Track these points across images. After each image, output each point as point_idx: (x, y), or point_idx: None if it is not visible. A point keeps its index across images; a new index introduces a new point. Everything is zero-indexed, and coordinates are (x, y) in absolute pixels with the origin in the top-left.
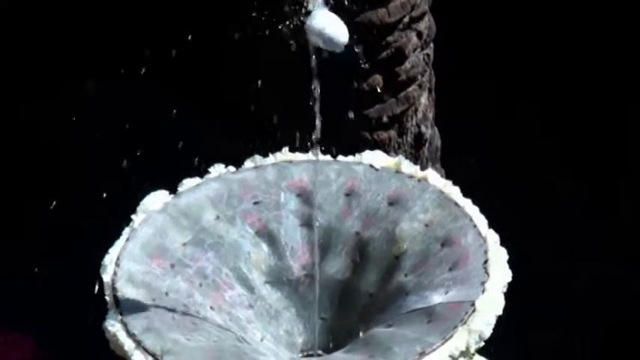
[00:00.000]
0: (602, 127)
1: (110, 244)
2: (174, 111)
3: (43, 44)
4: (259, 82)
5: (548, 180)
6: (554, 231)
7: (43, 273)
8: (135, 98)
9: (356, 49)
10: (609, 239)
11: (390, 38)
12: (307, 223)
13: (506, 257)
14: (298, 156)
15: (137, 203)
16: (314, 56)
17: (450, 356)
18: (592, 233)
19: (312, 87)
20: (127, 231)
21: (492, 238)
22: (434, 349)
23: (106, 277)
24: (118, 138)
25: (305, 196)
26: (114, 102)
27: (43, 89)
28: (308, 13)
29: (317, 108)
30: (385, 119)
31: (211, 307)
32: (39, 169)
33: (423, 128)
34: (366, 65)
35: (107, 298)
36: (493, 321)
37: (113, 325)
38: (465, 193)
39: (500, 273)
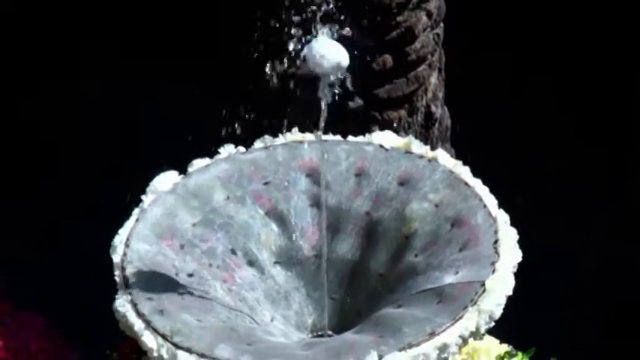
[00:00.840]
0: (613, 108)
1: (120, 224)
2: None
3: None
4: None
5: (559, 159)
6: (564, 209)
7: (51, 253)
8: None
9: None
10: (619, 219)
11: (399, 18)
12: (317, 203)
13: (517, 237)
14: (308, 136)
15: (145, 184)
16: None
17: (460, 336)
18: (602, 212)
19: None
20: (136, 211)
21: (502, 218)
22: (444, 330)
23: (116, 258)
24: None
25: (315, 177)
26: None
27: (42, 86)
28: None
29: (324, 87)
30: (395, 99)
31: (221, 288)
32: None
33: (433, 108)
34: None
35: (117, 278)
36: (503, 301)
37: (123, 306)
38: (475, 172)
39: (510, 253)
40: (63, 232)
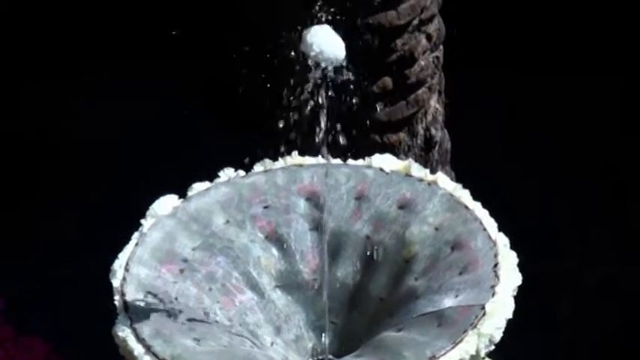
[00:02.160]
0: (610, 127)
1: (120, 248)
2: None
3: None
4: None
5: (558, 180)
6: (564, 230)
7: (54, 275)
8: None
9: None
10: (621, 239)
11: (399, 41)
12: (317, 227)
13: (516, 260)
14: (308, 160)
15: (146, 207)
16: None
17: None
18: (603, 232)
19: (321, 92)
20: (136, 236)
21: (502, 241)
22: (444, 353)
23: (115, 282)
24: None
25: (315, 200)
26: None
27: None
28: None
29: (325, 111)
30: (395, 122)
31: (221, 312)
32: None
33: (432, 131)
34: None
35: (116, 303)
36: (503, 325)
37: (123, 330)
38: (475, 194)
39: (510, 276)
40: (63, 256)
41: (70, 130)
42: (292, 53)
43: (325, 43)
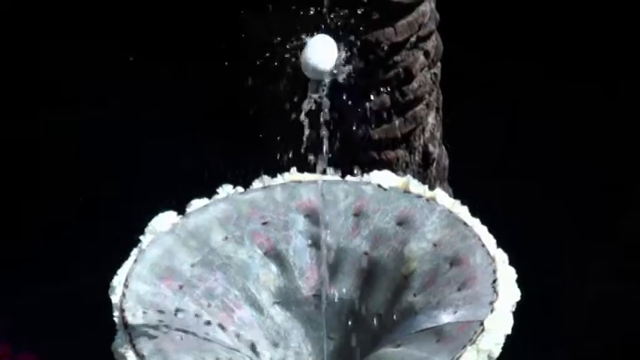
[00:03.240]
0: (610, 145)
1: (118, 265)
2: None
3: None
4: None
5: (556, 197)
6: (561, 247)
7: (52, 292)
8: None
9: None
10: (618, 255)
11: (397, 57)
12: (316, 243)
13: (515, 276)
14: (307, 176)
15: (143, 224)
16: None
17: None
18: (600, 249)
19: (321, 112)
20: (135, 252)
21: (501, 257)
22: None
23: (115, 299)
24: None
25: (314, 217)
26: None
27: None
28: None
29: (324, 130)
30: (393, 139)
31: (220, 328)
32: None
33: (430, 147)
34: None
35: (116, 319)
36: (502, 340)
37: (122, 347)
38: (473, 210)
39: (508, 292)
40: (62, 274)
41: (68, 144)
42: (289, 69)
43: (313, 55)
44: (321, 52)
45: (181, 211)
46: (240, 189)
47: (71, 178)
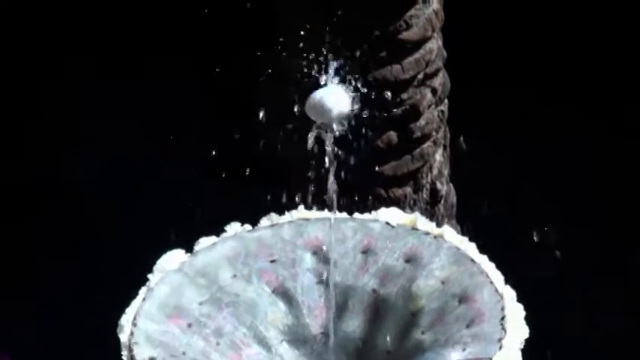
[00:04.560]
0: (617, 181)
1: (127, 303)
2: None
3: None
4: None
5: (562, 235)
6: (568, 285)
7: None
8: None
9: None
10: (624, 293)
11: (404, 95)
12: (324, 281)
13: (523, 314)
14: (314, 214)
15: (151, 263)
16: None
17: None
18: (607, 287)
19: (327, 148)
20: (143, 290)
21: (509, 294)
22: None
23: (123, 337)
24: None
25: (321, 254)
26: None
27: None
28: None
29: (332, 168)
30: (400, 176)
31: None
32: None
33: (438, 185)
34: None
35: (124, 358)
36: None
37: None
38: (481, 248)
39: (517, 330)
40: (63, 310)
41: (72, 182)
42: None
43: (328, 102)
44: (334, 103)
45: (189, 249)
46: (247, 227)
47: (75, 216)
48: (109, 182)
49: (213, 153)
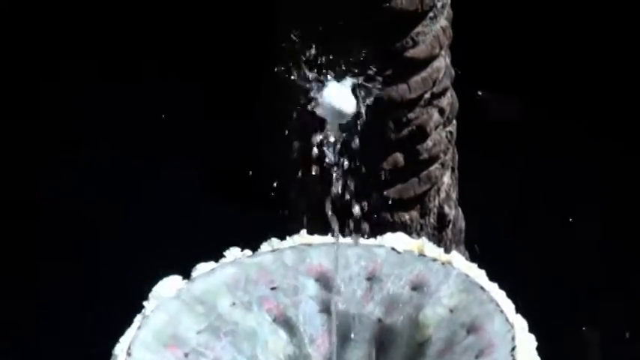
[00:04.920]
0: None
1: (121, 331)
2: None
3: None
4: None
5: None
6: (580, 307)
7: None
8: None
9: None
10: (624, 319)
11: (410, 115)
12: (327, 309)
13: (535, 344)
14: (317, 239)
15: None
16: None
17: None
18: (607, 313)
19: (332, 171)
20: (138, 318)
21: (520, 324)
22: None
23: None
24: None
25: (324, 281)
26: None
27: None
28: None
29: (335, 188)
30: (407, 200)
31: None
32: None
33: (446, 209)
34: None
35: None
36: None
37: None
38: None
39: None
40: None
41: (69, 208)
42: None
43: (335, 99)
44: (342, 97)
45: (186, 275)
46: (247, 252)
47: (74, 216)
48: (109, 183)
49: (212, 169)
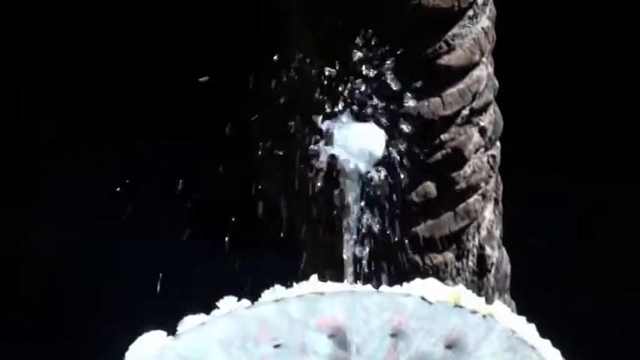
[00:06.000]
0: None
1: None
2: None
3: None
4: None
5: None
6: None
7: None
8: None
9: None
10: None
11: (445, 136)
12: None
13: None
14: (330, 286)
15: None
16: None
17: None
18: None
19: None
20: None
21: None
22: None
23: None
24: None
25: (339, 337)
26: None
27: None
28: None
29: (353, 224)
30: (440, 238)
31: None
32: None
33: (487, 250)
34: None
35: None
36: None
37: None
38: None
39: None
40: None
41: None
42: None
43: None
44: (367, 135)
45: (171, 330)
46: (245, 302)
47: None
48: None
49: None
